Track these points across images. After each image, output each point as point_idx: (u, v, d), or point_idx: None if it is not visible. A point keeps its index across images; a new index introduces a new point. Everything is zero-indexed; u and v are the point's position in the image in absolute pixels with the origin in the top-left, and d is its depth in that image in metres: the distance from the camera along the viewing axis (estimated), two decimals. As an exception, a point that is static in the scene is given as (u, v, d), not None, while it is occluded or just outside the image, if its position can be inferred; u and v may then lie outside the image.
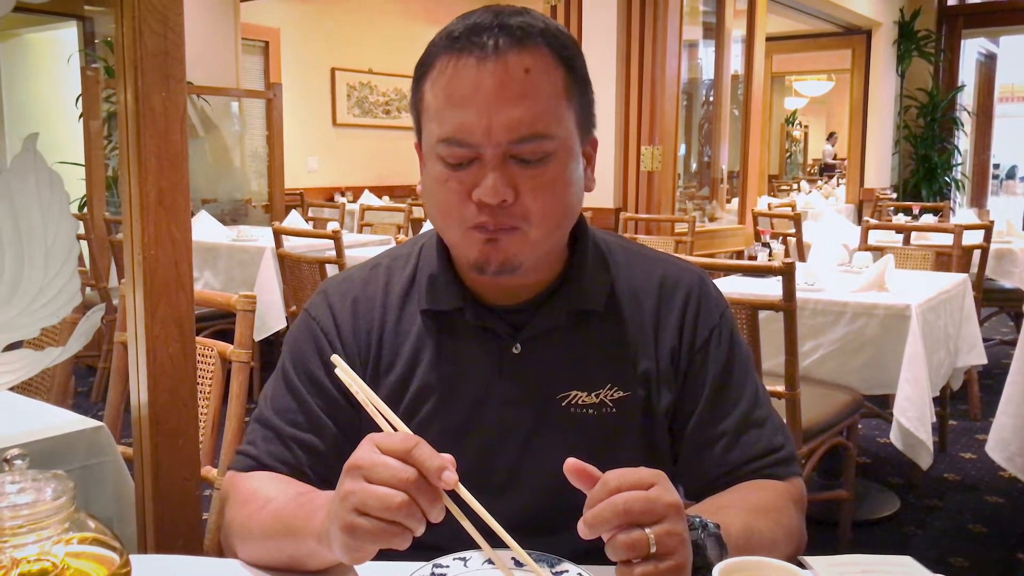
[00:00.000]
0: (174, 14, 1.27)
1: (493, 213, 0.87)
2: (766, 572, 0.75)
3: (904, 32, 7.98)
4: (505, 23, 0.87)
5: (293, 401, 0.99)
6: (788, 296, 2.19)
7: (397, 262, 1.05)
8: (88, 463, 1.35)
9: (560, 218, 0.92)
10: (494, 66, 0.85)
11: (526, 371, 0.97)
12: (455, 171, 0.89)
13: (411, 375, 0.98)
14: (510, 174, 0.87)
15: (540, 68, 0.87)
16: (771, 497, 0.96)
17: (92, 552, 0.71)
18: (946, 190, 8.25)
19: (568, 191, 0.91)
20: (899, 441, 2.50)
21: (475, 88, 0.86)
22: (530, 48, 0.87)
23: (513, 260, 0.90)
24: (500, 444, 0.97)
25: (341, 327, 1.00)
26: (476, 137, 0.86)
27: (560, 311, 0.97)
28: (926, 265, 3.75)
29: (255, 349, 4.08)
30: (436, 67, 0.89)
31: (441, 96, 0.88)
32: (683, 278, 1.03)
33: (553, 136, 0.88)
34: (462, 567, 0.83)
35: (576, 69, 0.91)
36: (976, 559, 2.60)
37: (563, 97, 0.89)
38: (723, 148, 5.39)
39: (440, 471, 0.72)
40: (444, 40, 0.89)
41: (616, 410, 0.97)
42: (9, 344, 1.16)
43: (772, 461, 0.99)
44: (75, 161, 4.76)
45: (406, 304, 1.01)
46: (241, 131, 5.88)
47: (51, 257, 1.15)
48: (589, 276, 0.98)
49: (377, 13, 7.83)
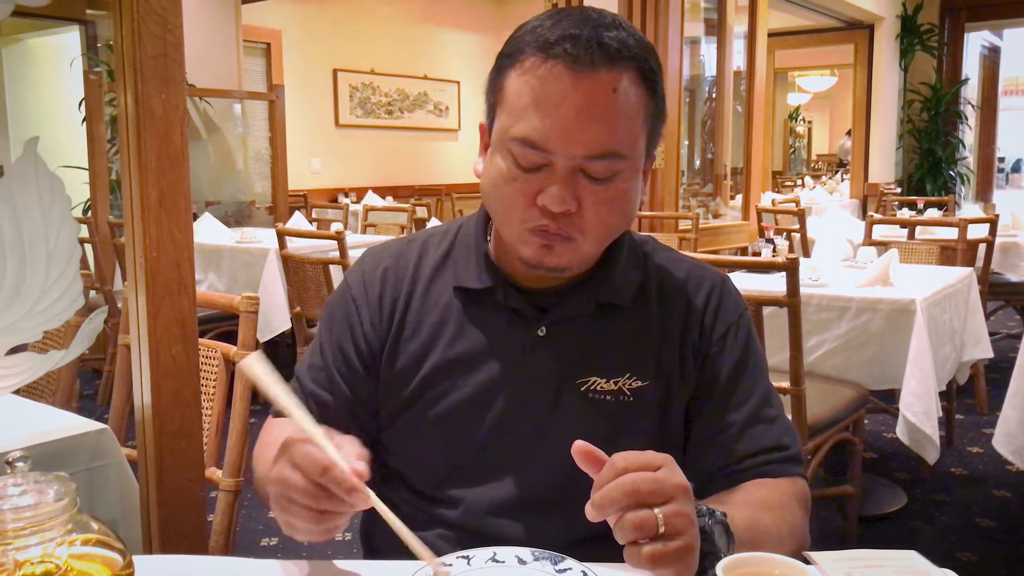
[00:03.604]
0: (173, 16, 1.27)
1: (555, 219, 0.90)
2: (771, 568, 0.75)
3: (907, 26, 7.95)
4: (602, 38, 0.87)
5: (320, 359, 1.06)
6: (792, 292, 2.19)
7: (434, 238, 1.08)
8: (92, 466, 1.36)
9: (615, 230, 0.96)
10: (585, 81, 0.86)
11: (549, 353, 0.99)
12: (524, 173, 0.90)
13: (433, 346, 1.01)
14: (577, 186, 0.89)
15: (627, 89, 0.88)
16: (775, 495, 0.96)
17: (95, 553, 0.71)
18: (951, 184, 8.23)
19: (627, 208, 0.94)
20: (905, 436, 2.49)
21: (562, 98, 0.86)
22: (620, 68, 0.87)
23: (565, 265, 0.94)
24: (515, 421, 0.99)
25: (369, 293, 1.05)
26: (553, 145, 0.87)
27: (588, 300, 0.99)
28: (931, 260, 3.73)
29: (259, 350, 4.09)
30: (525, 63, 0.89)
31: (526, 95, 0.88)
32: (707, 277, 1.06)
33: (626, 156, 0.90)
34: (465, 565, 0.83)
35: (658, 91, 0.92)
36: (984, 553, 2.59)
37: (641, 119, 0.91)
38: (726, 145, 5.38)
39: (350, 492, 0.76)
40: (537, 40, 0.89)
41: (633, 399, 0.98)
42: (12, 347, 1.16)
43: (778, 458, 1.00)
44: (78, 165, 4.77)
45: (437, 277, 1.04)
46: (244, 133, 5.88)
47: (53, 260, 1.15)
48: (620, 272, 1.01)
49: (379, 14, 7.84)
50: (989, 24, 8.75)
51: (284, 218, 5.37)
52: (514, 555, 0.84)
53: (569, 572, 0.81)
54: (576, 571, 0.81)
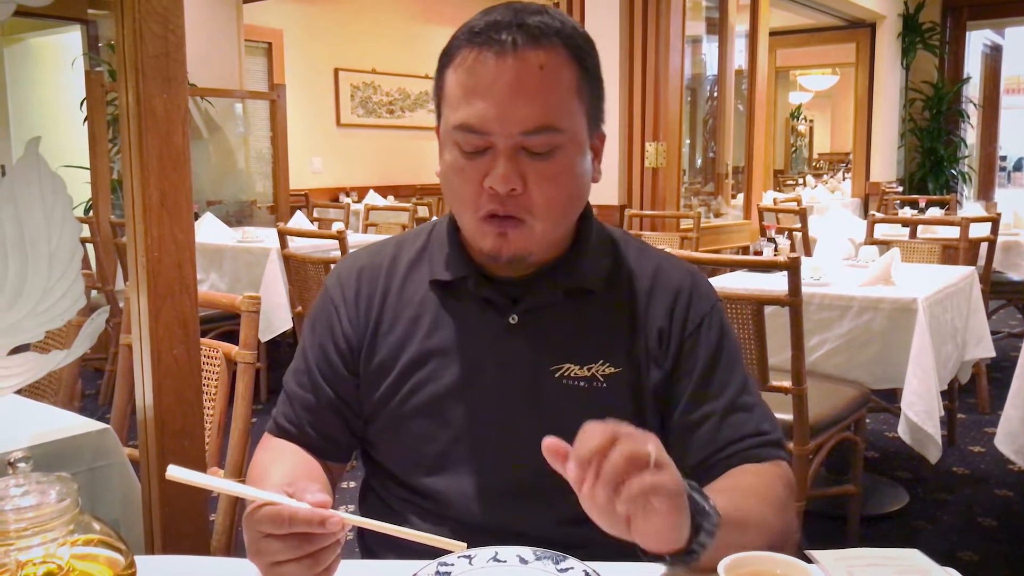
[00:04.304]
0: (174, 16, 1.27)
1: (502, 201, 0.93)
2: (772, 567, 0.75)
3: (908, 25, 7.94)
4: (524, 21, 0.92)
5: (303, 363, 1.09)
6: (794, 291, 2.18)
7: (409, 237, 1.12)
8: (95, 466, 1.36)
9: (564, 209, 0.98)
10: (511, 62, 0.91)
11: (522, 341, 1.01)
12: (470, 159, 0.94)
13: (410, 338, 1.04)
14: (520, 165, 0.93)
15: (554, 65, 0.93)
16: (759, 479, 0.97)
17: (97, 554, 0.72)
18: (952, 183, 8.22)
19: (573, 183, 0.97)
20: (907, 435, 2.49)
21: (493, 81, 0.92)
22: (545, 46, 0.92)
23: (522, 252, 0.96)
24: (492, 410, 1.01)
25: (346, 293, 1.08)
26: (490, 126, 0.92)
27: (558, 287, 1.02)
28: (933, 258, 3.73)
29: (261, 350, 4.09)
30: (457, 58, 0.95)
31: (460, 86, 0.94)
32: (677, 269, 1.08)
33: (562, 130, 0.94)
34: (467, 565, 0.83)
35: (588, 66, 0.96)
36: (986, 553, 2.59)
37: (574, 93, 0.95)
38: (728, 143, 5.38)
39: (323, 524, 0.76)
40: (466, 34, 0.95)
41: (606, 385, 1.00)
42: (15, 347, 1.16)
43: (759, 443, 1.01)
44: (80, 164, 4.78)
45: (412, 273, 1.07)
46: (245, 132, 5.89)
47: (55, 260, 1.15)
48: (589, 258, 1.04)
49: (380, 13, 7.84)
50: (991, 23, 8.74)
51: (285, 218, 5.37)
52: (516, 555, 0.84)
53: (571, 572, 0.81)
54: (578, 571, 0.81)
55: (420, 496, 1.03)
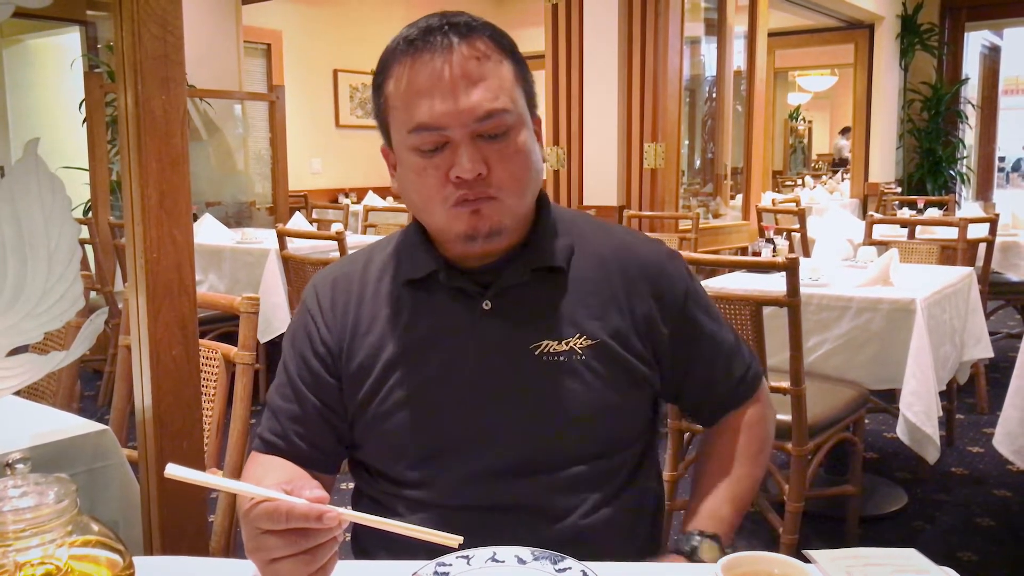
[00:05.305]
0: (173, 17, 1.27)
1: (471, 186, 0.97)
2: (769, 566, 0.75)
3: (907, 25, 7.95)
4: (453, 21, 0.99)
5: (285, 377, 1.10)
6: (792, 292, 2.19)
7: (379, 245, 1.16)
8: (93, 467, 1.36)
9: (528, 182, 1.02)
10: (452, 57, 0.97)
11: (498, 325, 1.04)
12: (430, 158, 0.98)
13: (389, 335, 1.06)
14: (480, 150, 0.97)
15: (488, 53, 0.99)
16: (745, 440, 1.14)
17: (96, 555, 0.72)
18: (951, 184, 8.22)
19: (530, 159, 1.02)
20: (906, 435, 2.49)
21: (437, 78, 0.96)
22: (477, 39, 0.99)
23: (497, 226, 1.00)
24: (478, 394, 1.03)
25: (322, 303, 1.11)
26: (444, 120, 0.96)
27: (524, 268, 1.05)
28: (931, 259, 3.73)
29: (260, 351, 4.09)
30: (395, 70, 1.00)
31: (407, 92, 0.98)
32: (644, 243, 1.14)
33: (511, 111, 0.99)
34: (465, 565, 0.83)
35: (518, 58, 1.03)
36: (985, 553, 2.59)
37: (511, 77, 1.01)
38: (726, 144, 5.38)
39: (320, 519, 0.77)
40: (401, 45, 0.99)
41: (585, 356, 1.04)
42: (13, 348, 1.16)
43: (751, 376, 1.17)
44: (79, 166, 4.77)
45: (384, 276, 1.10)
46: (244, 134, 5.88)
47: (54, 261, 1.15)
48: (550, 239, 1.08)
49: (379, 14, 7.84)
50: (989, 23, 8.74)
51: (284, 219, 5.36)
52: (514, 555, 0.85)
53: (569, 571, 0.82)
54: (576, 570, 0.81)
55: (409, 487, 1.04)
